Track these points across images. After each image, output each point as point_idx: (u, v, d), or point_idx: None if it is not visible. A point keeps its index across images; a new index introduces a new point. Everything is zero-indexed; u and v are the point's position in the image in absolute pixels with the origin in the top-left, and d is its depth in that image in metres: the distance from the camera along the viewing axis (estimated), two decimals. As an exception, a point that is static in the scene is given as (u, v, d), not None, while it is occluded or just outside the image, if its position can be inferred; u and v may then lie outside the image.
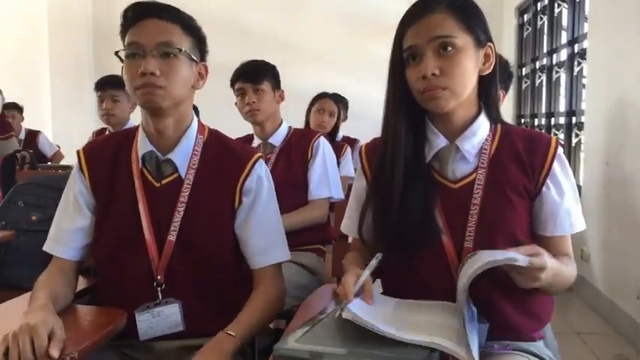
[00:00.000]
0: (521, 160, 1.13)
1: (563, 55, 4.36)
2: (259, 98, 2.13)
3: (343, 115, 3.45)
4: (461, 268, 0.99)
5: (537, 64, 5.10)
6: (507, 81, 2.05)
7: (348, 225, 1.29)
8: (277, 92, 2.19)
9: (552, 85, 4.64)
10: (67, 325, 1.09)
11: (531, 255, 0.95)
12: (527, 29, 5.39)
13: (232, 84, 2.20)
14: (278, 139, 2.19)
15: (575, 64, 4.07)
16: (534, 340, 1.16)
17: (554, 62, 4.59)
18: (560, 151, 1.14)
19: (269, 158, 2.13)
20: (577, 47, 4.06)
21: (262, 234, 1.32)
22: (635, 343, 2.76)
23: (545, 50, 4.86)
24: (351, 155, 3.18)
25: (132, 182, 1.28)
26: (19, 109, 5.15)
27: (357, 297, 1.00)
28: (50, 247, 1.31)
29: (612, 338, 2.93)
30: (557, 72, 4.55)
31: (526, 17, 5.45)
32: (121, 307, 1.24)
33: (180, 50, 1.22)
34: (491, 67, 1.14)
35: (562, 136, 4.28)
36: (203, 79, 1.32)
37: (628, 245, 2.90)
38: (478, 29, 1.10)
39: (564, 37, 4.39)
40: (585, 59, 3.80)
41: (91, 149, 1.36)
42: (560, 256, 1.13)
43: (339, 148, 3.12)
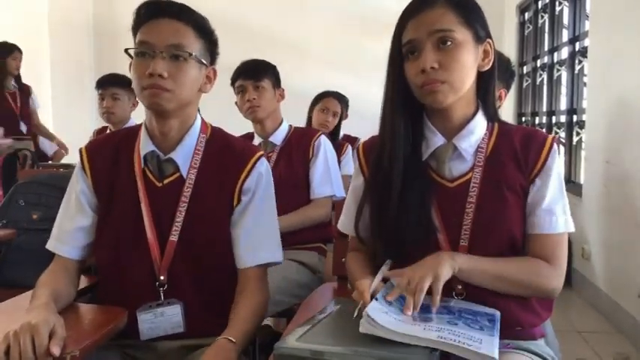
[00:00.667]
0: (518, 158, 1.13)
1: (564, 53, 4.35)
2: (259, 95, 2.13)
3: (344, 114, 3.44)
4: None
5: (538, 63, 5.09)
6: (509, 79, 2.03)
7: (346, 223, 1.29)
8: (277, 90, 2.19)
9: (553, 83, 4.63)
10: (68, 323, 1.09)
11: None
12: (528, 27, 5.38)
13: (233, 82, 2.20)
14: (279, 137, 2.19)
15: (576, 62, 4.07)
16: (535, 338, 1.15)
17: (555, 60, 4.58)
18: (554, 150, 1.13)
19: (270, 157, 2.13)
20: (578, 45, 4.05)
21: (252, 233, 1.29)
22: (636, 341, 2.76)
23: (546, 48, 4.85)
24: (352, 154, 3.18)
25: (134, 182, 1.28)
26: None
27: (372, 299, 0.98)
28: (53, 246, 1.31)
29: (613, 336, 2.92)
30: (558, 70, 4.54)
31: (527, 15, 5.45)
32: (122, 307, 1.24)
33: (190, 54, 1.21)
34: (490, 63, 1.14)
35: (563, 134, 4.28)
36: (211, 83, 1.31)
37: (629, 243, 2.90)
38: (477, 25, 1.10)
39: (565, 36, 4.38)
40: (586, 57, 3.80)
41: (93, 148, 1.35)
42: (540, 257, 1.10)
43: (340, 147, 3.12)
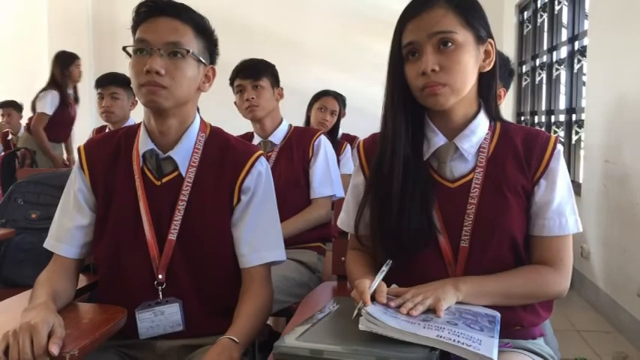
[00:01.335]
0: (520, 158, 1.12)
1: (564, 52, 4.35)
2: (258, 94, 2.12)
3: (342, 113, 3.44)
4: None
5: (537, 62, 5.09)
6: (508, 78, 2.03)
7: (345, 220, 1.29)
8: (276, 89, 2.19)
9: (552, 82, 4.63)
10: (67, 322, 1.09)
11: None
12: (528, 27, 5.39)
13: (231, 82, 2.19)
14: (278, 137, 2.18)
15: (576, 61, 4.07)
16: (535, 337, 1.15)
17: (555, 60, 4.58)
18: (558, 150, 1.13)
19: (269, 156, 2.12)
20: (577, 45, 4.06)
21: (254, 232, 1.29)
22: (635, 340, 2.76)
23: (545, 48, 4.85)
24: (351, 153, 3.18)
25: (132, 181, 1.28)
26: (16, 108, 5.15)
27: (372, 301, 0.98)
28: (51, 245, 1.30)
29: (612, 335, 2.93)
30: (557, 69, 4.54)
31: (526, 14, 5.45)
32: (121, 306, 1.23)
33: (188, 51, 1.21)
34: (492, 63, 1.13)
35: (562, 133, 4.28)
36: (210, 82, 1.31)
37: (628, 243, 2.90)
38: (478, 25, 1.09)
39: (564, 35, 4.38)
40: (585, 57, 3.80)
41: (91, 146, 1.35)
42: (543, 264, 1.11)
43: (339, 146, 3.12)
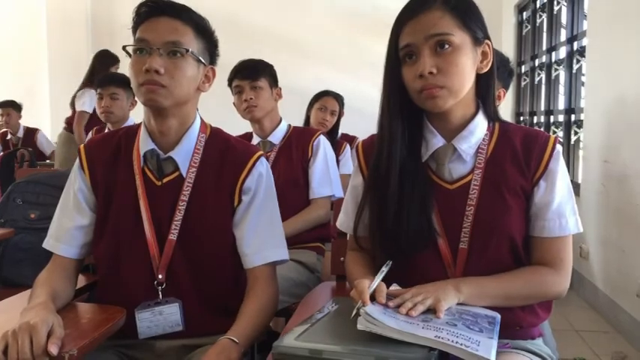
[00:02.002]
0: (519, 159, 1.12)
1: (563, 52, 4.35)
2: (256, 95, 2.12)
3: (341, 113, 3.44)
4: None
5: (536, 62, 5.10)
6: (508, 79, 2.02)
7: (344, 221, 1.28)
8: (275, 90, 2.19)
9: (551, 82, 4.63)
10: (66, 322, 1.09)
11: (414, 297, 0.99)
12: (527, 27, 5.39)
13: (229, 82, 2.19)
14: (277, 137, 2.18)
15: (575, 61, 4.07)
16: (533, 337, 1.15)
17: (554, 60, 4.59)
18: (557, 150, 1.12)
19: (268, 156, 2.12)
20: (576, 45, 4.06)
21: (257, 232, 1.30)
22: (634, 340, 2.76)
23: (544, 48, 4.86)
24: (350, 153, 3.18)
25: (133, 180, 1.28)
26: (16, 107, 5.14)
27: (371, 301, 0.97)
28: (50, 245, 1.30)
29: (611, 336, 2.93)
30: (556, 69, 4.55)
31: (525, 15, 5.45)
32: (121, 306, 1.23)
33: (187, 50, 1.21)
34: (489, 65, 1.12)
35: (561, 133, 4.28)
36: (210, 82, 1.31)
37: (627, 243, 2.90)
38: (475, 27, 1.08)
39: (563, 35, 4.38)
40: (584, 57, 3.80)
41: (91, 146, 1.34)
42: (543, 264, 1.11)
43: (338, 147, 3.13)
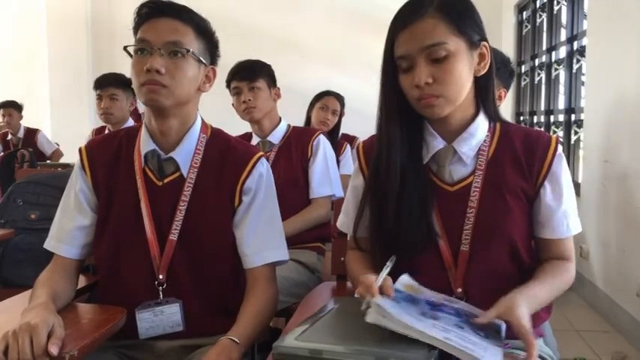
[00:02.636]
0: (520, 161, 1.11)
1: (563, 52, 4.35)
2: (255, 96, 2.12)
3: (342, 112, 3.45)
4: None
5: (536, 62, 5.10)
6: (509, 79, 2.01)
7: (345, 221, 1.28)
8: (273, 90, 2.19)
9: (551, 82, 4.63)
10: (67, 323, 1.09)
11: (503, 314, 0.96)
12: (527, 27, 5.39)
13: (228, 84, 2.19)
14: (277, 137, 2.18)
15: (575, 61, 4.07)
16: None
17: (554, 60, 4.59)
18: (559, 151, 1.12)
19: (268, 156, 2.12)
20: (576, 44, 4.06)
21: (257, 233, 1.30)
22: (634, 340, 2.77)
23: (544, 48, 4.86)
24: (351, 153, 3.18)
25: (134, 181, 1.28)
26: (17, 108, 5.15)
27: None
28: (52, 246, 1.30)
29: (611, 335, 2.93)
30: (556, 69, 4.55)
31: (525, 14, 5.45)
32: (121, 306, 1.23)
33: (188, 51, 1.21)
34: (487, 66, 1.10)
35: (561, 133, 4.28)
36: (210, 82, 1.32)
37: (627, 243, 2.90)
38: (471, 31, 1.06)
39: (563, 35, 4.38)
40: (584, 56, 3.80)
41: (92, 147, 1.35)
42: (557, 259, 1.13)
43: (338, 147, 3.13)
